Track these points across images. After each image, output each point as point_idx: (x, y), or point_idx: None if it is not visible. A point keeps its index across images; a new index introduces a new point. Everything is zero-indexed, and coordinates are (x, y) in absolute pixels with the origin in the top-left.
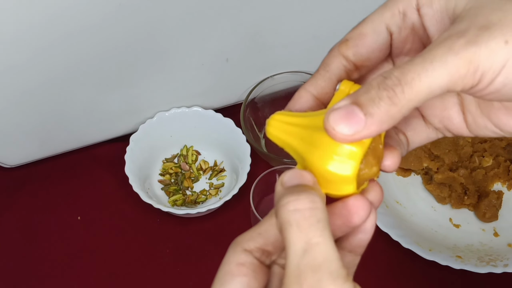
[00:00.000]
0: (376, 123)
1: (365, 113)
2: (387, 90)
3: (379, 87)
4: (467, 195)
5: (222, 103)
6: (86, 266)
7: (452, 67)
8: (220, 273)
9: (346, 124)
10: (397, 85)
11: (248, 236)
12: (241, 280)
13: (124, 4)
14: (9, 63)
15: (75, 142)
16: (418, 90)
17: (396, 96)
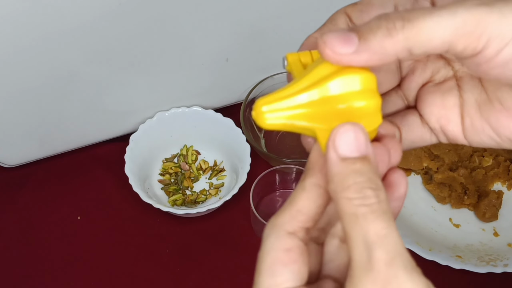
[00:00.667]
0: (367, 50)
1: (359, 38)
2: (387, 21)
3: (380, 18)
4: (467, 195)
5: (222, 103)
6: (86, 266)
7: (459, 20)
8: (266, 262)
9: (338, 43)
10: (399, 19)
11: (288, 216)
12: (292, 268)
13: (124, 4)
14: (9, 63)
15: (75, 142)
16: (419, 31)
17: (395, 28)
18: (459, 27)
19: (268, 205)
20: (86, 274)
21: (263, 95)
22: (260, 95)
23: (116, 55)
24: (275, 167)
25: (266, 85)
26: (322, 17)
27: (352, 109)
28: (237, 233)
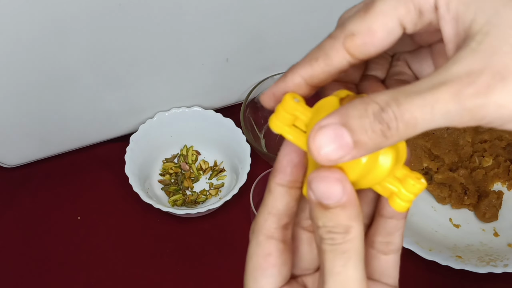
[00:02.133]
0: (362, 151)
1: (354, 140)
2: (382, 124)
3: (374, 117)
4: (467, 195)
5: (222, 103)
6: (86, 266)
7: (455, 116)
8: (250, 267)
9: (333, 148)
10: (392, 120)
11: (262, 220)
12: (272, 272)
13: (123, 4)
14: (9, 63)
15: (75, 142)
16: (413, 130)
17: (390, 131)
18: (456, 121)
19: None
20: (86, 274)
21: None
22: (260, 95)
23: (116, 55)
24: None
25: (266, 85)
26: (322, 17)
27: None
28: (237, 233)
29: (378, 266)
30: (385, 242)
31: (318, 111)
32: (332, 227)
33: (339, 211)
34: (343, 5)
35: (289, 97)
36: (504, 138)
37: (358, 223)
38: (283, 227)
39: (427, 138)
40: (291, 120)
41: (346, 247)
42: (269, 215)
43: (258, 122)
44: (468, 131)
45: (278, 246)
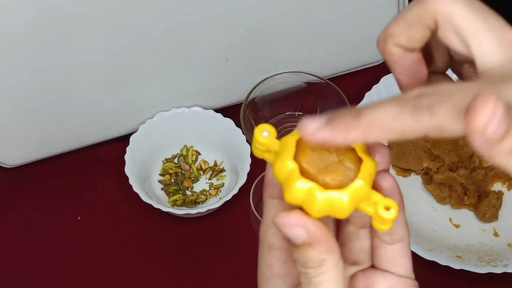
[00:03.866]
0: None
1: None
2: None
3: None
4: (467, 195)
5: (222, 103)
6: (86, 266)
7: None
8: (258, 277)
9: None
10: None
11: (262, 232)
12: (275, 282)
13: (124, 4)
14: (9, 63)
15: (75, 142)
16: None
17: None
18: None
19: None
20: (86, 274)
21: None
22: (260, 95)
23: (116, 55)
24: None
25: (266, 85)
26: (321, 17)
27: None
28: (237, 233)
29: (385, 256)
30: (387, 233)
31: (282, 148)
32: (305, 262)
33: (307, 248)
34: (343, 6)
35: (258, 133)
36: None
37: (330, 255)
38: (283, 237)
39: (427, 138)
40: (266, 148)
41: (320, 279)
42: (267, 228)
43: (258, 122)
44: None
45: (280, 256)
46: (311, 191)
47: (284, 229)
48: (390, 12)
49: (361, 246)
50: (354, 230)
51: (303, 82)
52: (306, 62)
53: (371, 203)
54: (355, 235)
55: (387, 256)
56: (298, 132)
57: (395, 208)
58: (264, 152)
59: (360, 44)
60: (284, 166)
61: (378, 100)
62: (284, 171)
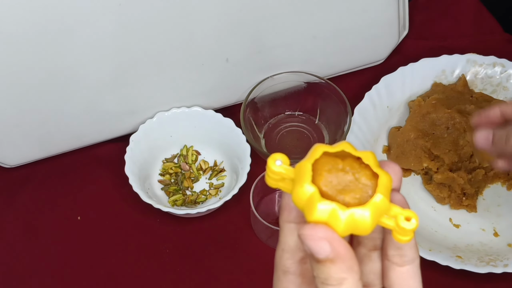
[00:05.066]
0: None
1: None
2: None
3: None
4: (466, 196)
5: (222, 103)
6: (86, 266)
7: None
8: None
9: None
10: None
11: (278, 257)
12: None
13: (124, 4)
14: (9, 63)
15: (75, 142)
16: None
17: None
18: None
19: (268, 205)
20: (86, 274)
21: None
22: (260, 95)
23: (116, 55)
24: None
25: (266, 85)
26: (321, 18)
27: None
28: (237, 233)
29: (396, 278)
30: (397, 255)
31: (298, 174)
32: (325, 279)
33: (329, 264)
34: (343, 6)
35: (271, 163)
36: None
37: (351, 275)
38: (299, 262)
39: (427, 138)
40: (281, 177)
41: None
42: (283, 252)
43: (258, 122)
44: (468, 131)
45: (295, 281)
46: (333, 212)
47: (309, 242)
48: (390, 12)
49: (373, 269)
50: (365, 252)
51: (303, 82)
52: (306, 62)
53: (391, 217)
54: (367, 257)
55: (398, 278)
56: (312, 156)
57: (415, 218)
58: (278, 181)
59: (360, 44)
60: (303, 191)
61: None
62: (304, 196)
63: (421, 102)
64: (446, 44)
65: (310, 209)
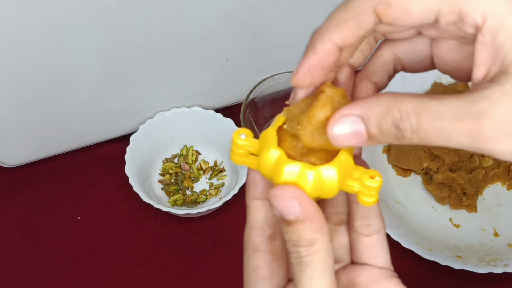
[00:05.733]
0: (375, 143)
1: (368, 134)
2: (397, 131)
3: (392, 123)
4: (466, 196)
5: (222, 103)
6: (86, 266)
7: (466, 147)
8: (244, 280)
9: (348, 136)
10: (408, 131)
11: (247, 235)
12: (262, 284)
13: (124, 4)
14: (9, 63)
15: (75, 142)
16: (425, 144)
17: (403, 138)
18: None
19: None
20: (86, 274)
21: (263, 95)
22: (260, 95)
23: (116, 55)
24: None
25: (266, 85)
26: (321, 17)
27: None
28: (237, 233)
29: (363, 249)
30: (364, 225)
31: (263, 142)
32: (296, 241)
33: (300, 225)
34: None
35: (236, 136)
36: None
37: (322, 235)
38: (268, 239)
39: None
40: (246, 152)
41: (311, 259)
42: (251, 230)
43: (258, 122)
44: None
45: (265, 258)
46: (301, 172)
47: (278, 202)
48: None
49: (340, 243)
50: (332, 227)
51: None
52: None
53: (355, 179)
54: (334, 232)
55: (366, 249)
56: (276, 124)
57: (379, 176)
58: (243, 157)
59: None
60: (269, 156)
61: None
62: (271, 161)
63: None
64: None
65: (278, 172)
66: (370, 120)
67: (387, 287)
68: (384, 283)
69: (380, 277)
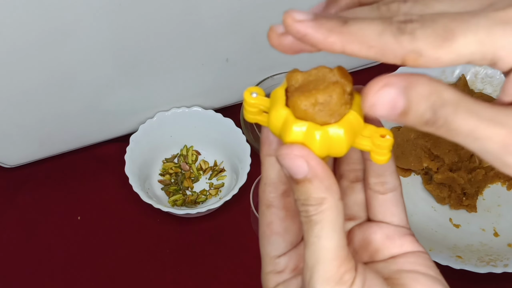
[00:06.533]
0: (402, 121)
1: (403, 110)
2: (432, 116)
3: (430, 107)
4: (466, 196)
5: (222, 103)
6: (86, 266)
7: (490, 154)
8: (260, 235)
9: (384, 107)
10: (440, 120)
11: (261, 192)
12: (275, 239)
13: (124, 4)
14: (9, 64)
15: (75, 142)
16: (450, 138)
17: (433, 125)
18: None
19: None
20: (86, 274)
21: None
22: None
23: (116, 55)
24: None
25: (266, 85)
26: None
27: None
28: (237, 233)
29: (379, 206)
30: (379, 183)
31: (273, 101)
32: (305, 200)
33: (308, 184)
34: None
35: (247, 95)
36: None
37: (331, 194)
38: (282, 195)
39: (427, 138)
40: (258, 110)
41: (319, 218)
42: (265, 186)
43: None
44: None
45: (278, 214)
46: (308, 131)
47: (286, 161)
48: None
49: (356, 200)
50: (348, 184)
51: None
52: (306, 62)
53: (366, 137)
54: (350, 189)
55: (381, 206)
56: (285, 82)
57: (390, 135)
58: (256, 114)
59: None
60: (278, 114)
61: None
62: (279, 120)
63: None
64: None
65: (286, 131)
66: (412, 96)
67: (402, 245)
68: (399, 241)
69: (395, 234)
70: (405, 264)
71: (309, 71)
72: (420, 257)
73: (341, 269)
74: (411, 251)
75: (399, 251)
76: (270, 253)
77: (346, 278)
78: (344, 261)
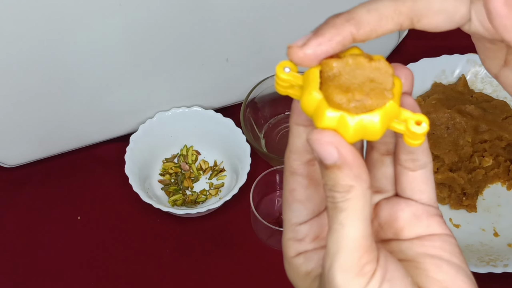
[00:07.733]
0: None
1: None
2: None
3: None
4: (466, 196)
5: (222, 103)
6: (86, 266)
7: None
8: (283, 201)
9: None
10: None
11: (286, 158)
12: (296, 207)
13: (124, 4)
14: (9, 63)
15: (75, 142)
16: None
17: None
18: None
19: (268, 205)
20: (86, 274)
21: (263, 95)
22: (260, 95)
23: (116, 55)
24: (275, 167)
25: (266, 85)
26: (322, 17)
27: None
28: (237, 233)
29: (408, 183)
30: (410, 159)
31: (306, 81)
32: (332, 186)
33: (336, 171)
34: (344, 6)
35: (280, 70)
36: (504, 138)
37: (359, 183)
38: (306, 164)
39: (427, 138)
40: (290, 84)
41: (345, 205)
42: (290, 153)
43: (258, 122)
44: (468, 131)
45: (301, 182)
46: (342, 118)
47: (316, 146)
48: None
49: (385, 173)
50: (378, 157)
51: None
52: None
53: (402, 121)
54: (380, 161)
55: (410, 183)
56: (320, 65)
57: (426, 122)
58: (287, 88)
59: (360, 43)
60: (311, 98)
61: None
62: (312, 103)
63: (421, 102)
64: (446, 44)
65: (319, 116)
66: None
67: (429, 225)
68: (427, 221)
69: (423, 214)
70: (430, 248)
71: (345, 58)
72: (446, 241)
73: (362, 259)
74: (437, 233)
75: (425, 231)
76: (291, 220)
77: (367, 269)
78: (366, 251)
